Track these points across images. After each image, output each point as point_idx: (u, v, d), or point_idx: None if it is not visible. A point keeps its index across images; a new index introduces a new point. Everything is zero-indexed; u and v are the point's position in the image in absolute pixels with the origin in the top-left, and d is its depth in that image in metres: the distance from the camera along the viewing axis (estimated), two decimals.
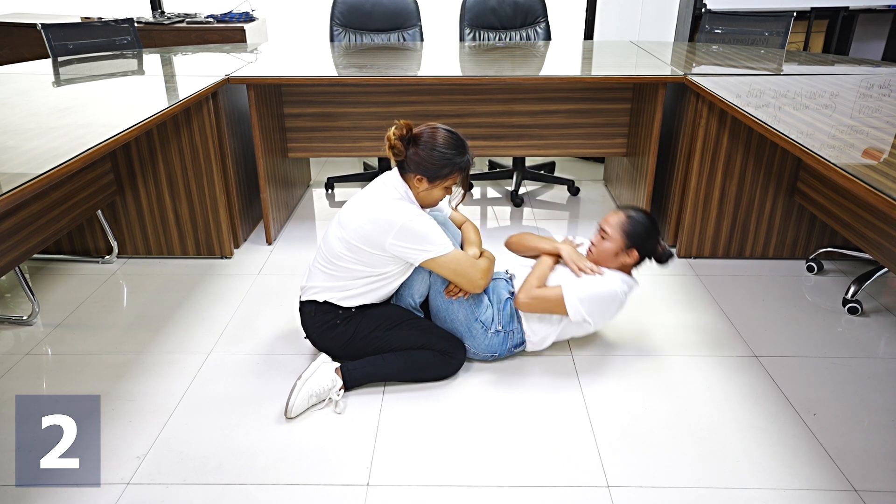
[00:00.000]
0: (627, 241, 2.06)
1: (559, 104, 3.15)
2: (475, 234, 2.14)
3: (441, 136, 1.91)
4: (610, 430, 1.84)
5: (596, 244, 2.11)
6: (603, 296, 2.01)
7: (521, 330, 2.08)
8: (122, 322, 2.38)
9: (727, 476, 1.67)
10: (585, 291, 1.99)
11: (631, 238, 2.06)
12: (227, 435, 1.81)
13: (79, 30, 3.43)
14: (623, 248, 2.07)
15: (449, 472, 1.69)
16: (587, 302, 1.98)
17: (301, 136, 3.23)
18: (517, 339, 2.09)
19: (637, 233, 2.07)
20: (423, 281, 2.05)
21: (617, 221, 2.09)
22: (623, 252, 2.07)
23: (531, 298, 2.01)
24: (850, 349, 2.21)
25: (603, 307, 2.02)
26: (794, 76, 2.85)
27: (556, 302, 1.99)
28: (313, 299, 2.00)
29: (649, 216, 2.11)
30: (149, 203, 2.76)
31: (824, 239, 2.80)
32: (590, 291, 1.99)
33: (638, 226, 2.08)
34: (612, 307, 2.05)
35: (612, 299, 2.02)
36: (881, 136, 1.90)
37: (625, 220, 2.08)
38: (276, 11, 4.89)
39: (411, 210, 1.90)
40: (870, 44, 5.09)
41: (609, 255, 2.08)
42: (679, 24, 4.61)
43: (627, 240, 2.06)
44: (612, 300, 2.03)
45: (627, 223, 2.08)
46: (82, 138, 1.83)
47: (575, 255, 2.10)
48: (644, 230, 2.08)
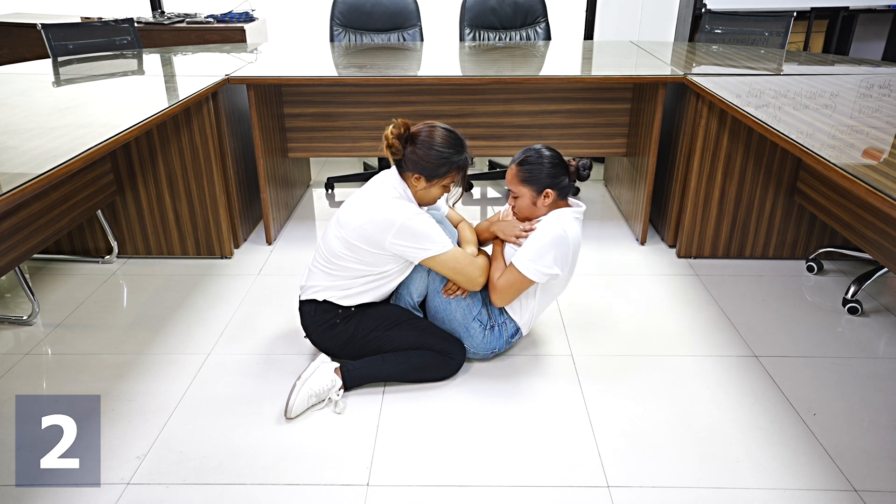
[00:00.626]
0: (533, 187, 1.99)
1: (559, 104, 3.15)
2: (471, 233, 2.14)
3: (439, 134, 1.92)
4: (610, 430, 1.84)
5: (514, 206, 2.06)
6: (548, 243, 1.93)
7: (510, 318, 2.08)
8: (122, 322, 2.38)
9: (727, 476, 1.67)
10: (531, 251, 1.94)
11: (534, 182, 1.99)
12: (227, 435, 1.81)
13: (79, 30, 3.43)
14: (535, 195, 2.00)
15: (449, 472, 1.69)
16: (537, 258, 1.93)
17: (301, 136, 3.23)
18: (511, 328, 2.08)
19: (536, 175, 1.98)
20: (422, 280, 2.05)
21: (512, 175, 2.02)
22: (538, 198, 2.00)
23: (499, 291, 1.98)
24: (850, 349, 2.21)
25: (557, 252, 1.94)
26: (794, 76, 2.85)
27: (518, 279, 1.95)
28: (313, 299, 2.00)
29: (537, 151, 2.01)
30: (149, 203, 2.76)
31: (824, 239, 2.80)
32: (534, 248, 1.94)
33: (532, 169, 1.99)
34: (566, 246, 1.96)
35: (559, 240, 1.94)
36: (881, 136, 1.90)
37: (517, 171, 2.00)
38: (276, 11, 4.89)
39: (410, 208, 1.90)
40: (870, 44, 5.09)
41: (530, 209, 2.02)
42: (679, 24, 4.61)
43: (533, 186, 1.99)
44: (561, 241, 1.94)
45: (521, 172, 2.00)
46: (82, 138, 1.83)
47: (506, 226, 2.06)
48: (540, 169, 1.98)
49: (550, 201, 2.01)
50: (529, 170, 1.99)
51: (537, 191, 1.99)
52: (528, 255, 1.94)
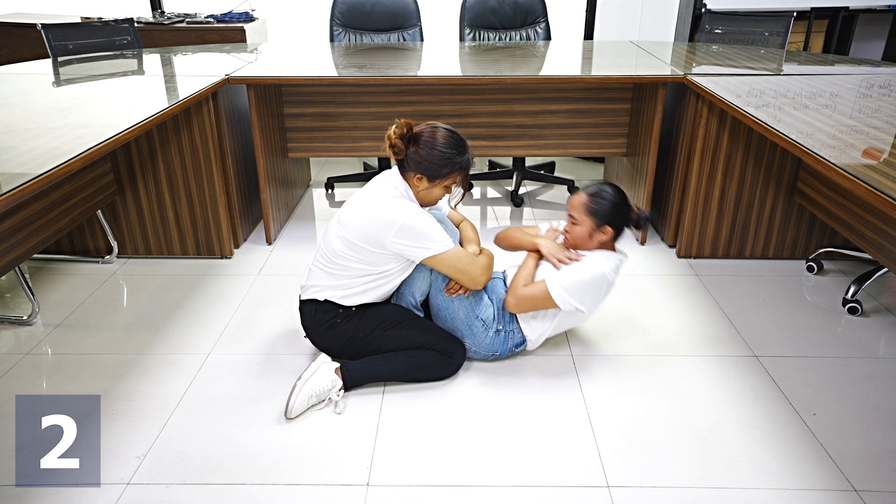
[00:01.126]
0: (596, 220, 2.02)
1: (559, 104, 3.15)
2: (473, 232, 2.14)
3: (441, 135, 1.92)
4: (610, 430, 1.84)
5: (569, 231, 2.08)
6: (588, 280, 1.97)
7: (520, 329, 2.08)
8: (122, 322, 2.38)
9: (727, 476, 1.67)
10: (569, 280, 1.96)
11: (599, 216, 2.02)
12: (227, 435, 1.81)
13: (79, 30, 3.43)
14: (594, 228, 2.03)
15: (449, 472, 1.69)
16: (573, 290, 1.96)
17: (301, 136, 3.23)
18: (517, 338, 2.09)
19: (603, 210, 2.02)
20: (423, 280, 2.05)
21: (580, 203, 2.05)
22: (596, 231, 2.04)
23: (518, 299, 2.00)
24: (850, 349, 2.21)
25: (592, 291, 1.99)
26: (794, 76, 2.85)
27: (543, 297, 1.97)
28: (313, 298, 2.00)
29: (613, 187, 2.06)
30: (149, 203, 2.76)
31: (824, 239, 2.80)
32: (574, 279, 1.97)
33: (602, 202, 2.03)
34: (601, 289, 2.01)
35: (598, 281, 1.99)
36: (881, 136, 1.90)
37: (587, 200, 2.04)
38: (276, 11, 4.89)
39: (411, 208, 1.90)
40: (870, 44, 5.09)
41: (584, 239, 2.05)
42: (679, 24, 4.61)
43: (596, 219, 2.02)
44: (600, 282, 1.99)
45: (591, 202, 2.03)
46: (82, 138, 1.83)
47: (553, 247, 2.07)
48: (610, 205, 2.03)
49: (605, 239, 2.05)
50: (599, 203, 2.03)
51: (598, 224, 2.03)
52: (564, 283, 1.96)
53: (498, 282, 2.15)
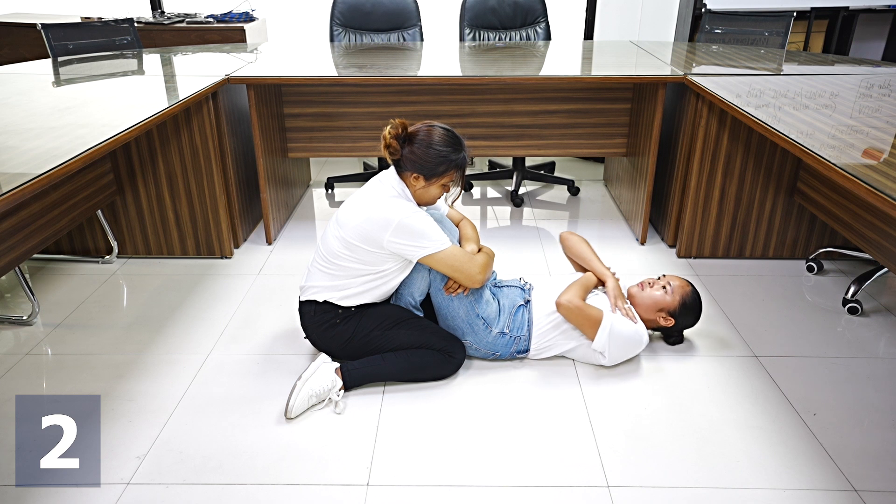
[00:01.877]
0: (678, 308, 2.11)
1: (559, 104, 3.15)
2: (472, 230, 2.14)
3: (437, 133, 1.92)
4: (610, 430, 1.84)
5: (652, 287, 2.14)
6: (632, 339, 2.04)
7: (529, 339, 2.08)
8: (122, 322, 2.38)
9: (727, 476, 1.67)
10: (619, 328, 2.01)
11: (682, 308, 2.12)
12: (227, 435, 1.81)
13: (79, 30, 3.43)
14: (669, 309, 2.11)
15: (449, 472, 1.69)
16: (616, 338, 2.01)
17: (301, 136, 3.23)
18: (522, 345, 2.09)
19: (690, 309, 2.13)
20: (422, 280, 2.05)
21: (683, 286, 2.14)
22: (665, 312, 2.12)
23: (575, 306, 2.01)
24: (850, 349, 2.21)
25: (625, 349, 2.05)
26: (794, 76, 2.85)
27: (593, 322, 2.01)
28: (313, 299, 2.00)
29: (701, 304, 2.17)
30: (149, 203, 2.76)
31: (824, 239, 2.80)
32: (623, 330, 2.02)
33: (695, 304, 2.14)
34: (631, 353, 2.08)
35: (636, 345, 2.06)
36: (881, 136, 1.90)
37: (689, 292, 2.14)
38: (276, 11, 4.89)
39: (408, 207, 1.90)
40: (870, 44, 5.09)
41: (654, 306, 2.11)
42: (679, 24, 4.61)
43: (679, 307, 2.11)
44: (636, 346, 2.06)
45: (690, 296, 2.13)
46: (82, 138, 1.83)
47: (619, 290, 2.13)
48: (693, 311, 2.15)
49: (658, 323, 2.13)
50: (693, 302, 2.14)
51: (671, 313, 2.12)
52: (615, 327, 2.00)
53: (514, 290, 2.16)
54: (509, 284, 2.19)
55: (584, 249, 2.25)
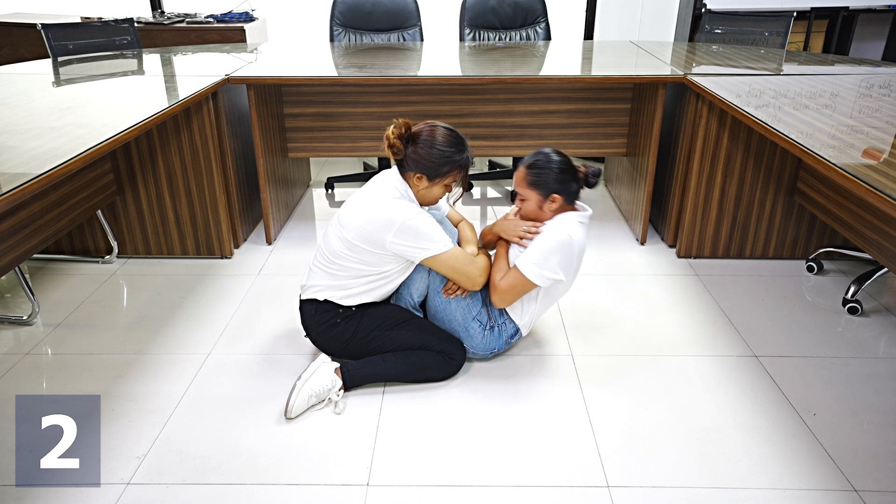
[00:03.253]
0: (541, 191, 1.97)
1: (559, 104, 3.15)
2: (471, 232, 2.14)
3: (440, 133, 1.92)
4: (610, 430, 1.84)
5: (520, 209, 2.04)
6: (553, 248, 1.93)
7: (510, 319, 2.07)
8: (122, 322, 2.38)
9: (727, 476, 1.67)
10: (535, 255, 1.93)
11: (542, 187, 1.97)
12: (227, 435, 1.81)
13: (79, 30, 3.43)
14: (542, 199, 1.98)
15: (449, 472, 1.69)
16: (542, 263, 1.92)
17: (301, 136, 3.23)
18: (510, 329, 2.08)
19: (543, 180, 1.97)
20: (422, 280, 2.05)
21: (520, 178, 2.00)
22: (545, 202, 1.98)
23: (500, 293, 1.97)
24: (850, 349, 2.21)
25: (562, 258, 1.94)
26: (794, 76, 2.85)
27: (521, 281, 1.94)
28: (313, 298, 2.00)
29: (546, 155, 1.99)
30: (149, 203, 2.76)
31: (824, 239, 2.80)
32: (539, 252, 1.93)
33: (541, 173, 1.97)
34: (571, 252, 1.96)
35: (565, 246, 1.94)
36: (881, 136, 1.90)
37: (525, 174, 1.98)
38: (276, 11, 4.89)
39: (411, 208, 1.90)
40: (870, 44, 5.09)
41: (536, 213, 2.01)
42: (679, 24, 4.61)
43: (540, 190, 1.97)
44: (567, 246, 1.94)
45: (529, 175, 1.98)
46: (82, 138, 1.83)
47: (510, 226, 2.04)
48: (549, 173, 1.97)
49: (557, 206, 1.99)
50: (538, 174, 1.97)
51: (544, 195, 1.98)
52: (532, 259, 1.93)
53: None
54: None
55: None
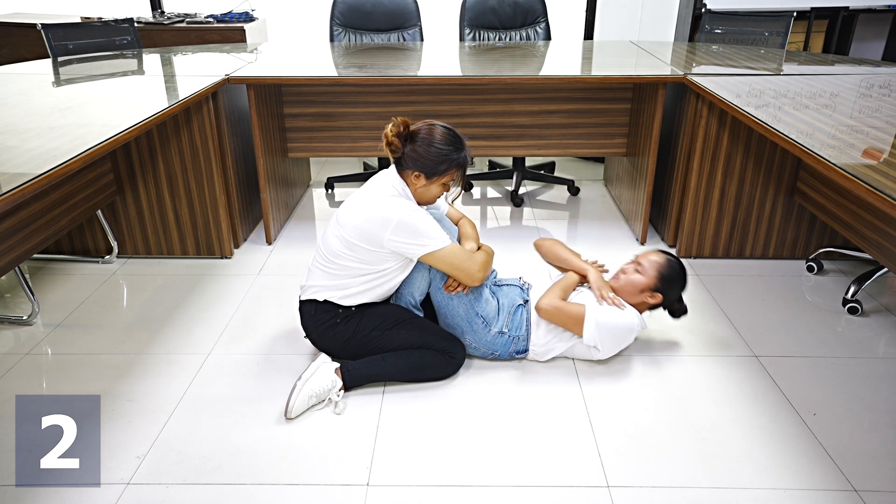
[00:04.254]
0: (659, 283, 2.08)
1: (559, 104, 3.15)
2: (472, 229, 2.14)
3: (438, 132, 1.92)
4: (610, 429, 1.84)
5: (627, 273, 2.12)
6: (621, 328, 2.03)
7: (528, 339, 2.08)
8: (122, 322, 2.38)
9: (727, 476, 1.67)
10: (605, 319, 2.00)
11: (663, 282, 2.09)
12: (227, 435, 1.81)
13: (79, 30, 3.43)
14: (651, 287, 2.09)
15: (449, 472, 1.69)
16: (604, 329, 2.00)
17: (301, 136, 3.23)
18: (521, 346, 2.09)
19: (670, 279, 2.10)
20: (422, 279, 2.05)
21: (656, 261, 2.11)
22: (649, 291, 2.09)
23: (553, 308, 2.01)
24: (850, 349, 2.21)
25: (617, 338, 2.04)
26: (794, 76, 2.85)
27: (576, 320, 2.01)
28: (313, 298, 2.00)
29: (683, 268, 2.14)
30: (149, 203, 2.76)
31: (824, 239, 2.80)
32: (609, 320, 2.01)
33: (674, 272, 2.10)
34: (625, 340, 2.07)
35: (627, 333, 2.05)
36: (881, 136, 1.90)
37: (664, 263, 2.10)
38: (276, 11, 4.89)
39: (408, 205, 1.90)
40: (870, 44, 5.09)
41: (635, 290, 2.09)
42: (679, 24, 4.61)
43: (659, 282, 2.09)
44: (628, 334, 2.05)
45: (666, 266, 2.10)
46: (82, 138, 1.83)
47: (601, 280, 2.12)
48: (677, 279, 2.11)
49: (649, 302, 2.10)
50: (672, 272, 2.10)
51: (656, 288, 2.08)
52: (600, 319, 2.00)
53: (514, 288, 2.16)
54: (508, 283, 2.19)
55: (559, 250, 2.23)
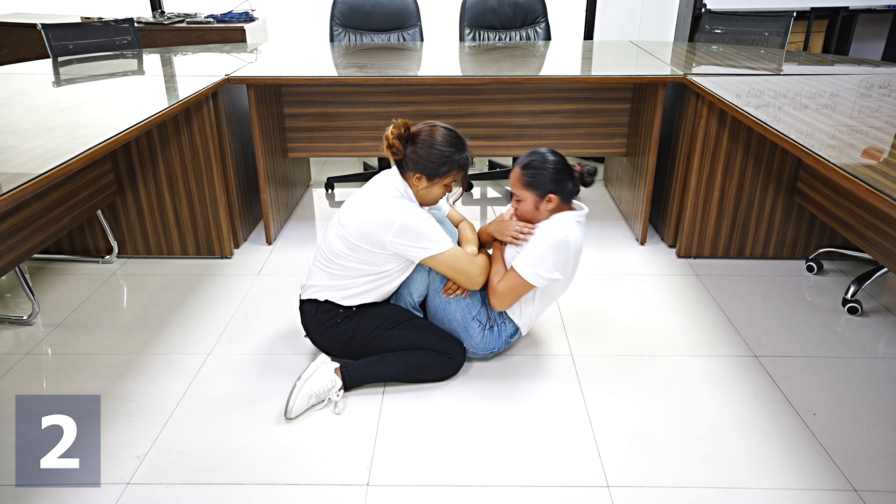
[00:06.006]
0: (536, 191, 1.96)
1: (559, 104, 3.15)
2: (472, 232, 2.14)
3: (440, 133, 1.92)
4: (610, 429, 1.84)
5: (516, 209, 2.04)
6: (548, 248, 1.92)
7: (509, 319, 2.07)
8: (122, 322, 2.38)
9: (727, 476, 1.67)
10: (532, 255, 1.92)
11: (537, 187, 1.96)
12: (227, 435, 1.81)
13: (79, 30, 3.43)
14: (538, 200, 1.97)
15: (449, 472, 1.69)
16: (539, 263, 1.91)
17: (301, 136, 3.23)
18: (510, 329, 2.08)
19: (539, 180, 1.96)
20: (422, 280, 2.05)
21: (515, 179, 1.99)
22: (542, 202, 1.98)
23: (499, 296, 1.97)
24: (850, 349, 2.21)
25: (558, 257, 1.93)
26: (794, 76, 2.85)
27: (519, 283, 1.93)
28: (314, 298, 2.00)
29: (542, 155, 1.98)
30: (149, 203, 2.76)
31: (824, 239, 2.80)
32: (535, 253, 1.92)
33: (536, 173, 1.96)
34: (567, 252, 1.95)
35: (561, 246, 1.93)
36: (881, 136, 1.90)
37: (521, 175, 1.97)
38: (276, 11, 4.89)
39: (410, 208, 1.90)
40: (870, 44, 5.09)
41: (533, 213, 2.00)
42: (679, 24, 4.61)
43: (536, 190, 1.96)
44: (563, 246, 1.93)
45: (524, 176, 1.97)
46: (82, 138, 1.83)
47: (504, 226, 2.04)
48: (544, 173, 1.96)
49: (553, 206, 1.99)
50: (533, 174, 1.97)
51: (540, 195, 1.97)
52: (528, 260, 1.93)
53: None
54: None
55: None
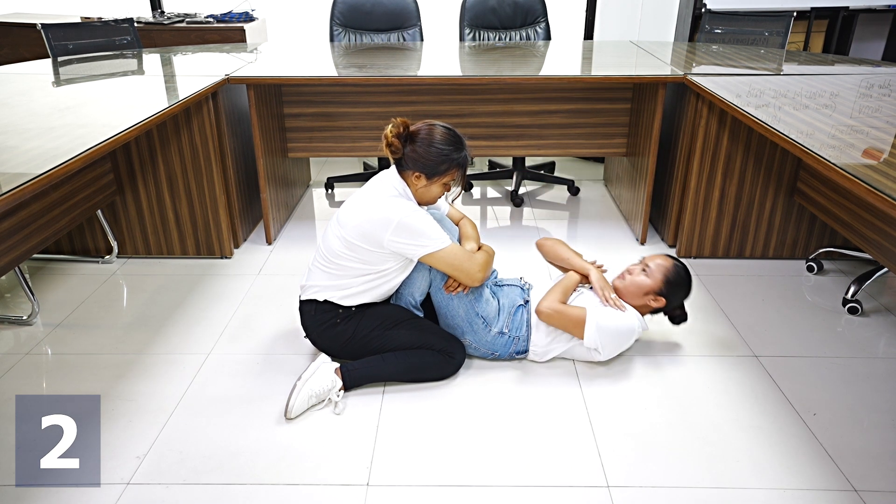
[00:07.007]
0: (664, 287, 2.08)
1: (559, 104, 3.15)
2: (472, 229, 2.14)
3: (438, 132, 1.92)
4: (610, 429, 1.84)
5: (633, 274, 2.11)
6: (622, 330, 2.02)
7: (528, 339, 2.08)
8: (122, 322, 2.38)
9: (727, 476, 1.67)
10: (606, 321, 2.00)
11: (668, 286, 2.08)
12: (227, 435, 1.81)
13: (79, 30, 3.43)
14: (656, 290, 2.08)
15: (449, 472, 1.69)
16: (605, 332, 2.00)
17: (301, 136, 3.23)
18: (521, 346, 2.09)
19: (676, 284, 2.09)
20: (423, 279, 2.05)
21: (663, 264, 2.11)
22: (653, 294, 2.08)
23: (553, 311, 2.01)
24: (850, 349, 2.21)
25: (618, 341, 2.04)
26: (794, 76, 2.85)
27: (576, 322, 2.00)
28: (313, 298, 2.00)
29: (689, 275, 2.13)
30: (149, 203, 2.76)
31: (824, 239, 2.80)
32: (610, 323, 2.01)
33: (680, 278, 2.10)
34: (626, 343, 2.07)
35: (628, 335, 2.04)
36: (881, 136, 1.90)
37: (671, 268, 2.10)
38: (276, 11, 4.89)
39: (408, 206, 1.90)
40: (870, 44, 5.09)
41: (639, 291, 2.09)
42: (679, 24, 4.61)
43: (664, 286, 2.08)
44: (628, 336, 2.05)
45: (672, 271, 2.10)
46: (82, 138, 1.83)
47: (603, 281, 2.11)
48: (682, 285, 2.11)
49: (651, 306, 2.10)
50: (678, 277, 2.09)
51: (660, 291, 2.08)
52: (601, 321, 1.99)
53: (515, 289, 2.15)
54: (509, 283, 2.19)
55: (561, 250, 2.23)
